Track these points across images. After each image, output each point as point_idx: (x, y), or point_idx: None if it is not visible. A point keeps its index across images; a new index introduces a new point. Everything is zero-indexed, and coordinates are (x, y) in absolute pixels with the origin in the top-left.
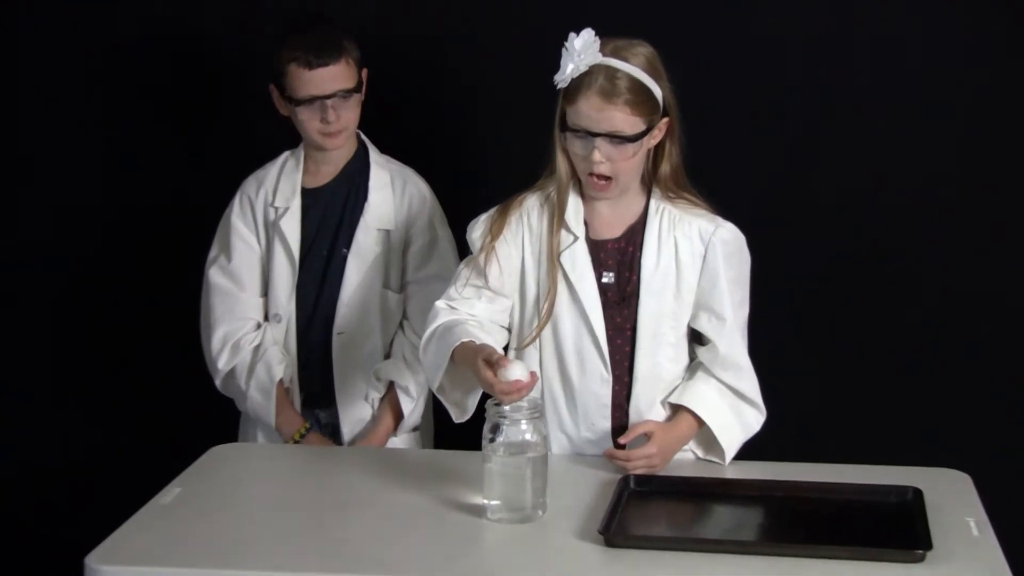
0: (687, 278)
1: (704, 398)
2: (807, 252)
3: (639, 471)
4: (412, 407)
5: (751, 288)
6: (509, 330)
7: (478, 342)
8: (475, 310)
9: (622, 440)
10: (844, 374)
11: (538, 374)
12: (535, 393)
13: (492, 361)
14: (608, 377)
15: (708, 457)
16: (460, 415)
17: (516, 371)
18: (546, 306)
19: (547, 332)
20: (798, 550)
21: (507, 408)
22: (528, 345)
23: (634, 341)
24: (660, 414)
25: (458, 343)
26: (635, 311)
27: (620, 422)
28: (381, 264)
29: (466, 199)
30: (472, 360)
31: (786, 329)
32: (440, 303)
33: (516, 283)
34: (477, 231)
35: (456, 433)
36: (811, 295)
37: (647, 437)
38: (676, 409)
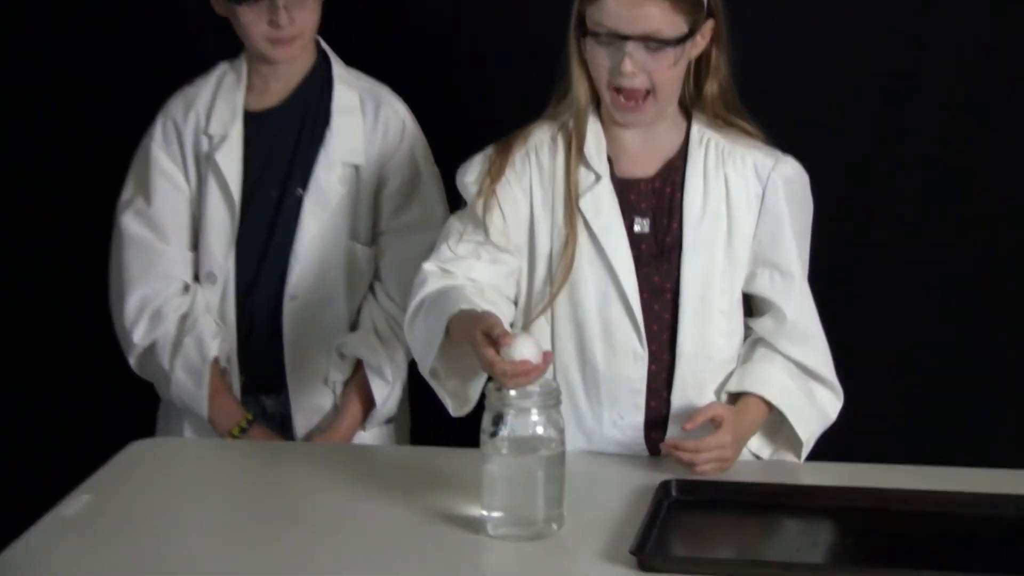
0: (742, 226)
1: (773, 381)
2: (890, 217)
3: (706, 469)
4: (386, 393)
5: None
6: (515, 303)
7: (480, 310)
8: (474, 273)
9: (688, 426)
10: (937, 364)
11: (552, 353)
12: (548, 375)
13: (494, 336)
14: (643, 354)
15: (775, 455)
16: (460, 406)
17: (524, 348)
18: (563, 264)
19: (562, 299)
20: (882, 574)
21: (513, 394)
22: (539, 316)
23: (676, 307)
24: (707, 400)
25: (455, 311)
26: (677, 268)
27: (658, 413)
28: (347, 209)
29: (457, 131)
30: (470, 333)
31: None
32: (429, 265)
33: (524, 238)
34: (471, 173)
35: (442, 426)
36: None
37: (715, 425)
38: (736, 398)
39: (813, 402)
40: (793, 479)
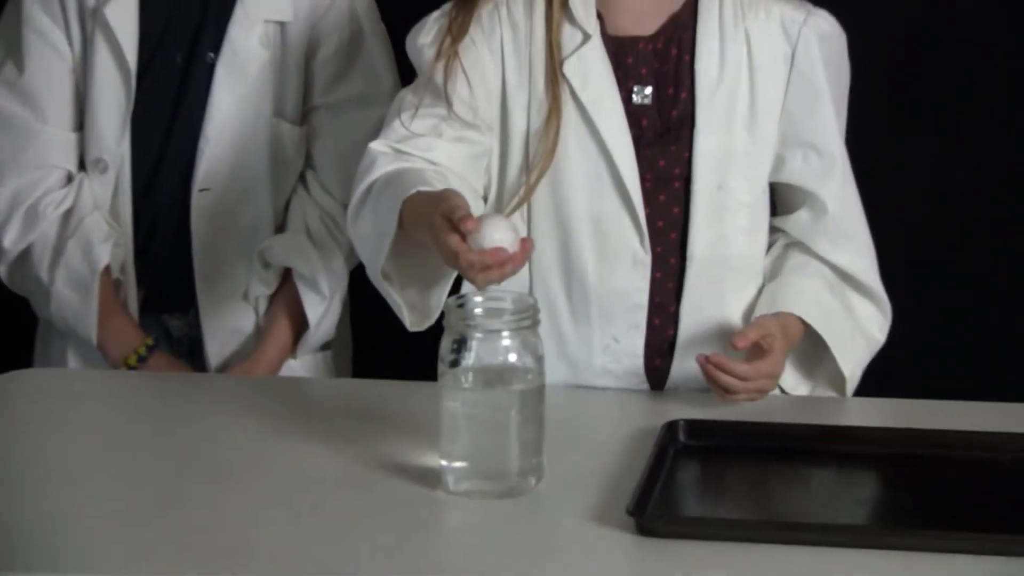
0: (767, 96)
1: (814, 298)
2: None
3: (746, 399)
4: (322, 310)
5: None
6: (485, 197)
7: (439, 190)
8: (434, 153)
9: (740, 344)
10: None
11: (531, 242)
12: (523, 279)
13: (456, 220)
14: (645, 258)
15: (814, 393)
16: (419, 320)
17: (496, 232)
18: (543, 146)
19: (543, 191)
20: (947, 541)
21: (479, 307)
22: (513, 213)
23: (687, 199)
24: (727, 320)
25: (412, 192)
26: (688, 150)
27: (662, 334)
28: (270, 79)
29: None
30: (429, 218)
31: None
32: (378, 145)
33: (495, 113)
34: (427, 34)
35: (391, 352)
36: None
37: (764, 348)
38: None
39: (856, 323)
40: (831, 418)
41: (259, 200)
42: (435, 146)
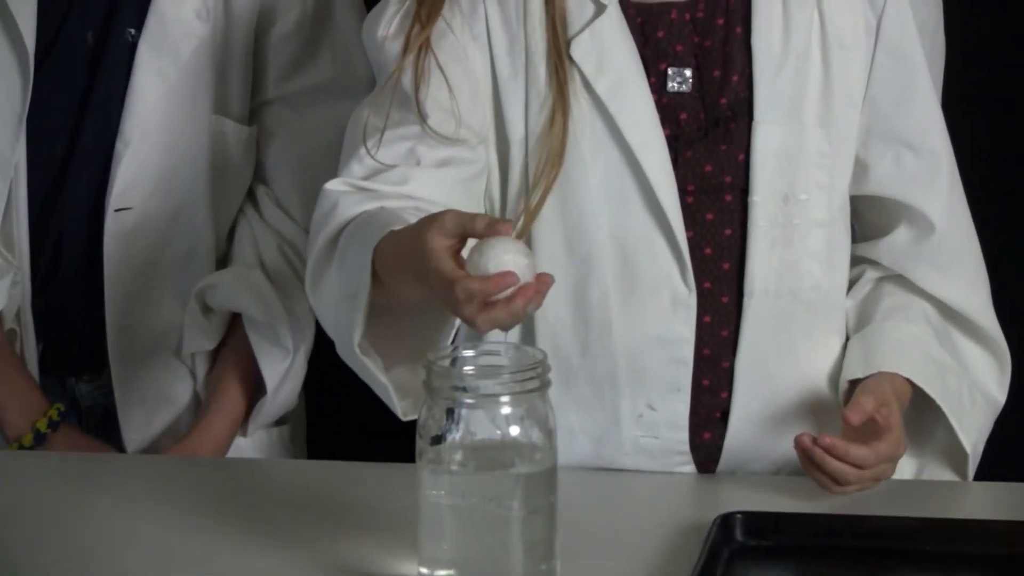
0: (847, 77)
1: (920, 352)
2: None
3: (858, 490)
4: (283, 369)
5: None
6: None
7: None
8: (412, 186)
9: (855, 419)
10: None
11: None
12: (526, 328)
13: (461, 225)
14: (689, 296)
15: (925, 475)
16: (415, 405)
17: (504, 251)
18: (547, 153)
19: (550, 211)
20: None
21: (469, 363)
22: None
23: (744, 215)
24: (801, 380)
25: (385, 234)
26: (743, 148)
27: (713, 397)
28: (210, 62)
29: None
30: (413, 252)
31: None
32: (336, 185)
33: (486, 116)
34: (387, 23)
35: (352, 424)
36: None
37: (880, 425)
38: (854, 382)
39: (973, 380)
40: (936, 507)
41: (195, 223)
42: (412, 177)
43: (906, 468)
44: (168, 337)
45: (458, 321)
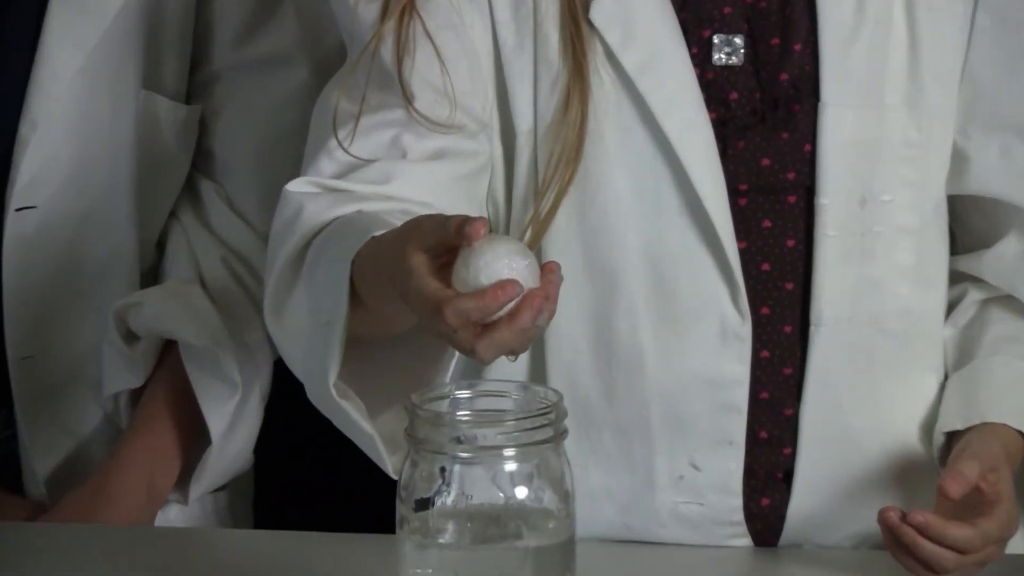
0: (938, 49)
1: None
2: None
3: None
4: (229, 411)
5: None
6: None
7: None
8: (395, 186)
9: (954, 489)
10: None
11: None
12: (535, 361)
13: (447, 230)
14: (742, 324)
15: None
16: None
17: (500, 255)
18: (562, 146)
19: (565, 217)
20: None
21: (464, 405)
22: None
23: (809, 221)
24: (885, 431)
25: (365, 242)
26: (809, 137)
27: (773, 457)
28: (139, 28)
29: None
30: (393, 265)
31: None
32: (299, 185)
33: (488, 97)
34: None
35: (316, 491)
36: None
37: (987, 494)
38: (952, 434)
39: None
40: None
41: (116, 226)
42: (396, 173)
43: (1021, 541)
44: (83, 368)
45: (458, 353)
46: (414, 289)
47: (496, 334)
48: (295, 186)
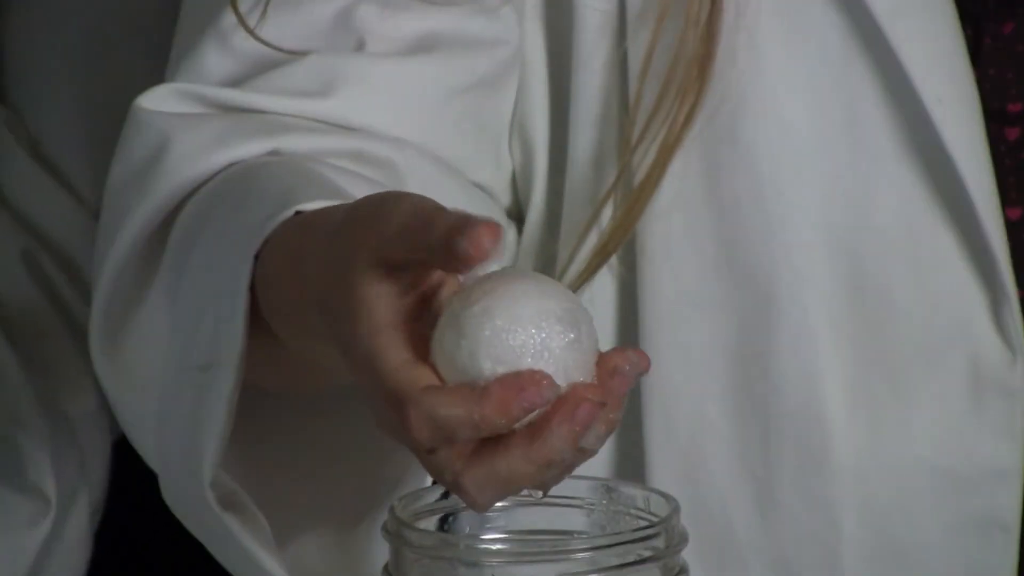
0: None
1: None
2: None
3: None
4: (33, 549)
5: None
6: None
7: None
8: (340, 102)
9: None
10: None
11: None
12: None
13: (400, 253)
14: (1012, 363)
15: None
16: None
17: (514, 325)
18: (674, 57)
19: (677, 189)
20: None
21: (491, 519)
22: (590, 277)
23: None
24: None
25: (277, 221)
26: None
27: None
28: None
29: None
30: (325, 272)
31: None
32: (161, 99)
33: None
34: None
35: None
36: None
37: None
38: None
39: None
40: None
41: None
42: (345, 77)
43: None
44: None
45: None
46: (361, 352)
47: (500, 463)
48: (153, 100)
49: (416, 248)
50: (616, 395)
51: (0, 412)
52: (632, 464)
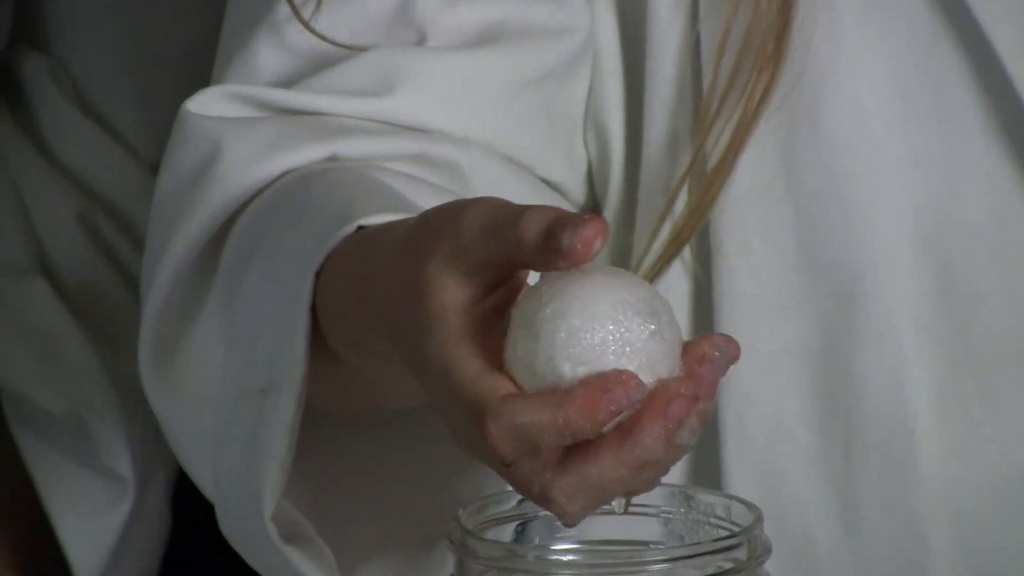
0: None
1: None
2: None
3: None
4: (115, 531)
5: None
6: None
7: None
8: (405, 101)
9: None
10: None
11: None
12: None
13: (481, 256)
14: None
15: None
16: None
17: (595, 321)
18: (747, 34)
19: (752, 174)
20: None
21: (559, 529)
22: (660, 269)
23: None
24: None
25: (339, 239)
26: None
27: None
28: None
29: None
30: (393, 287)
31: None
32: (210, 103)
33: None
34: None
35: None
36: None
37: None
38: None
39: None
40: None
41: None
42: (407, 73)
43: None
44: None
45: None
46: (435, 366)
47: (591, 469)
48: (202, 104)
49: (503, 243)
50: (707, 385)
51: (68, 389)
52: (707, 475)
